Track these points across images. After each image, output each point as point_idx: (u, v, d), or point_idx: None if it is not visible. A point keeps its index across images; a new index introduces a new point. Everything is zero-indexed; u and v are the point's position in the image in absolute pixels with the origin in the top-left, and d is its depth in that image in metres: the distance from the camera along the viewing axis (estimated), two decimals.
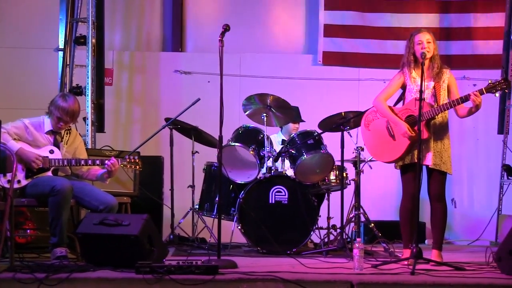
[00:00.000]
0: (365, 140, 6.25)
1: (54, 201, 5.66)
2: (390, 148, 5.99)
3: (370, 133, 6.19)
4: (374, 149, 6.17)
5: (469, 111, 5.84)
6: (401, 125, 5.88)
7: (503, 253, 5.05)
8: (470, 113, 5.86)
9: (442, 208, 5.93)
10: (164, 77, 9.63)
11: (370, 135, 6.19)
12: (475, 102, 5.66)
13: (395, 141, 5.96)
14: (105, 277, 4.72)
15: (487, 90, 5.65)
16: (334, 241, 7.01)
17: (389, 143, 6.01)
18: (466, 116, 5.93)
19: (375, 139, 6.15)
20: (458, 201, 9.52)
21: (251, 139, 7.04)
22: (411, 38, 5.98)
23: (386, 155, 6.04)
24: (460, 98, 5.73)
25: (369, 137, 6.20)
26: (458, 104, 5.76)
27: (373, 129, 6.17)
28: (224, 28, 5.64)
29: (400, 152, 5.90)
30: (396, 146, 5.95)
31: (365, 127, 6.21)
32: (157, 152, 8.46)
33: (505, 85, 5.64)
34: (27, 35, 9.33)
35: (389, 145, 6.00)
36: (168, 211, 7.63)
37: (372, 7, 9.64)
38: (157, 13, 9.88)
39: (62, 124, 6.00)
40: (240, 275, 4.75)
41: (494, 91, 5.66)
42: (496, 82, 5.65)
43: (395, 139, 5.97)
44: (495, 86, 5.65)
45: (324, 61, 9.62)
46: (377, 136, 6.12)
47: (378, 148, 6.12)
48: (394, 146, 5.96)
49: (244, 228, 6.81)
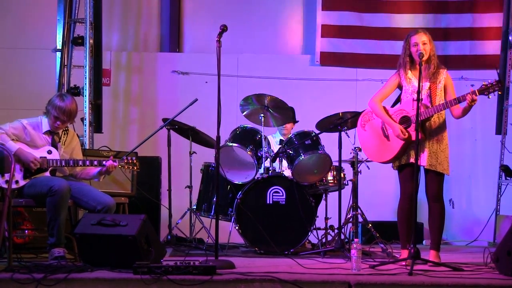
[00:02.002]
0: (361, 140, 6.25)
1: (52, 201, 5.66)
2: (385, 148, 6.00)
3: (366, 133, 6.20)
4: (370, 150, 6.18)
5: (463, 111, 5.83)
6: (394, 126, 5.88)
7: (501, 253, 5.06)
8: (465, 113, 5.85)
9: (439, 208, 5.93)
10: (162, 78, 9.63)
11: (366, 135, 6.20)
12: (470, 104, 5.65)
13: (389, 141, 5.97)
14: (102, 278, 4.72)
15: (480, 92, 5.64)
16: (331, 241, 7.02)
17: (383, 144, 6.02)
18: (461, 117, 5.92)
19: (370, 139, 6.16)
20: (456, 201, 9.53)
21: (249, 139, 7.04)
22: (407, 39, 5.98)
23: (380, 155, 6.06)
24: (456, 99, 5.73)
25: (365, 137, 6.21)
26: (453, 104, 5.76)
27: (369, 129, 6.18)
28: (222, 29, 5.64)
29: (394, 152, 5.90)
30: (390, 147, 5.96)
31: (361, 127, 6.22)
32: (154, 152, 8.46)
33: (498, 87, 5.65)
34: (25, 35, 9.32)
35: (384, 146, 6.02)
36: (166, 211, 7.63)
37: (370, 8, 9.64)
38: (155, 13, 9.88)
39: (59, 124, 6.00)
40: (238, 275, 4.76)
41: (487, 93, 5.67)
42: (489, 85, 5.64)
43: (389, 140, 5.98)
44: (488, 88, 5.64)
45: (321, 61, 9.62)
46: (372, 136, 6.13)
47: (373, 148, 6.14)
48: (388, 146, 5.97)
49: (241, 229, 6.81)
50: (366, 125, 6.19)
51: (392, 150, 5.93)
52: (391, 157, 5.95)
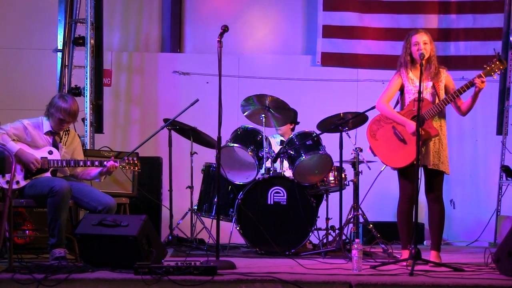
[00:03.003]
0: (375, 150, 6.10)
1: (52, 202, 5.66)
2: (403, 152, 5.90)
3: (378, 142, 6.09)
4: (387, 157, 6.03)
5: (473, 100, 5.82)
6: (409, 124, 5.83)
7: (502, 254, 5.06)
8: (473, 103, 5.84)
9: (439, 209, 5.93)
10: (163, 78, 9.63)
11: (379, 144, 6.08)
12: (479, 86, 5.67)
13: (407, 144, 5.90)
14: (103, 278, 4.72)
15: (485, 74, 5.70)
16: (332, 242, 7.01)
17: (401, 148, 5.94)
18: (468, 110, 5.90)
19: (385, 147, 6.04)
20: (457, 202, 9.52)
21: (250, 140, 7.04)
22: (408, 38, 5.98)
23: (400, 160, 5.94)
24: (465, 85, 5.73)
25: (378, 147, 6.09)
26: (463, 92, 5.75)
27: (380, 138, 6.07)
28: (223, 29, 5.63)
29: (415, 153, 5.74)
30: (408, 148, 5.86)
31: (372, 138, 6.11)
32: (155, 153, 8.46)
33: (501, 65, 5.75)
34: (26, 35, 9.33)
35: (401, 150, 5.92)
36: (167, 212, 7.63)
37: (371, 8, 9.64)
38: (156, 14, 9.88)
39: (64, 125, 6.02)
40: (239, 276, 4.76)
41: (492, 73, 5.74)
42: (492, 65, 5.72)
43: (406, 142, 5.91)
44: (493, 69, 5.72)
45: (322, 62, 9.62)
46: (386, 143, 6.03)
47: (390, 154, 6.00)
48: (406, 148, 5.88)
49: (242, 229, 6.81)
50: (377, 135, 6.10)
51: (411, 151, 5.77)
52: (412, 160, 5.79)
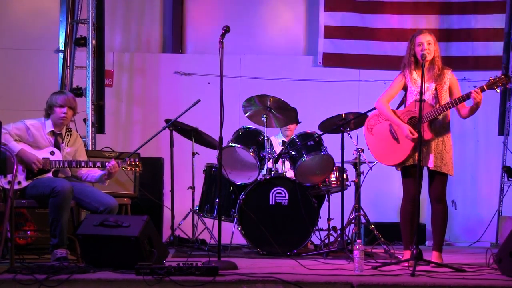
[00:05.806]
0: (369, 145, 6.19)
1: (54, 202, 5.66)
2: (395, 151, 5.96)
3: (373, 137, 6.15)
4: (379, 153, 6.11)
5: (470, 110, 5.82)
6: (403, 127, 5.86)
7: (504, 254, 5.05)
8: (472, 112, 5.84)
9: (442, 209, 5.92)
10: (164, 79, 9.64)
11: (374, 139, 6.14)
12: (475, 100, 5.65)
13: (399, 144, 5.94)
14: (105, 279, 4.72)
15: (488, 87, 5.66)
16: (334, 242, 7.01)
17: (393, 146, 5.98)
18: (468, 116, 5.91)
19: (379, 143, 6.10)
20: (459, 202, 9.52)
21: (251, 140, 7.04)
22: (412, 39, 5.97)
23: (391, 158, 6.00)
24: (462, 97, 5.73)
25: (373, 141, 6.16)
26: (459, 102, 5.75)
27: (376, 133, 6.13)
28: (224, 30, 5.63)
29: (405, 154, 5.86)
30: (400, 149, 5.92)
31: (368, 131, 6.17)
32: (157, 153, 8.46)
33: (506, 80, 5.66)
34: (28, 36, 9.33)
35: (394, 148, 5.97)
36: (168, 212, 7.64)
37: (372, 9, 9.64)
38: (157, 14, 9.89)
39: (65, 111, 5.97)
40: (240, 276, 4.76)
41: (495, 87, 5.68)
42: (496, 78, 5.66)
43: (399, 142, 5.95)
44: (496, 82, 5.66)
45: (324, 62, 9.63)
46: (381, 140, 6.08)
47: (382, 151, 6.07)
48: (399, 148, 5.93)
49: (244, 230, 6.81)
50: (373, 129, 6.14)
51: (402, 152, 5.88)
52: (402, 159, 5.89)
